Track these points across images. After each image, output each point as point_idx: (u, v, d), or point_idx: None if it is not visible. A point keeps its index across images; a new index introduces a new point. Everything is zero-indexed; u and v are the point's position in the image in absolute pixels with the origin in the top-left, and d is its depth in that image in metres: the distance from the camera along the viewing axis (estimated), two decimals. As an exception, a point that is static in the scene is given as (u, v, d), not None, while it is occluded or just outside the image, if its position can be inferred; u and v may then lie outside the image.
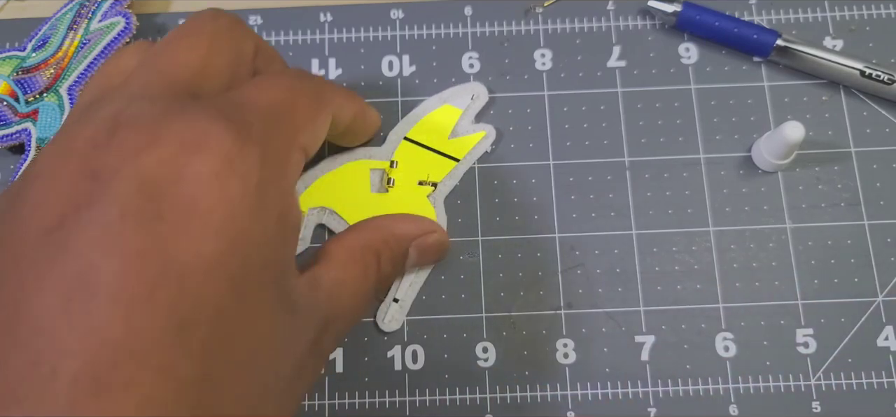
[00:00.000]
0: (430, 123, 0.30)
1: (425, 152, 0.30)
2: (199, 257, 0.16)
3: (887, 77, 0.30)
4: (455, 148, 0.30)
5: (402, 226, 0.27)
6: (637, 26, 0.33)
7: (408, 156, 0.30)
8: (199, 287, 0.16)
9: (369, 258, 0.24)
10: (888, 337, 0.29)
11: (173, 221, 0.16)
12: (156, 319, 0.15)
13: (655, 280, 0.29)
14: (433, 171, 0.29)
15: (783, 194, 0.30)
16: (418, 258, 0.27)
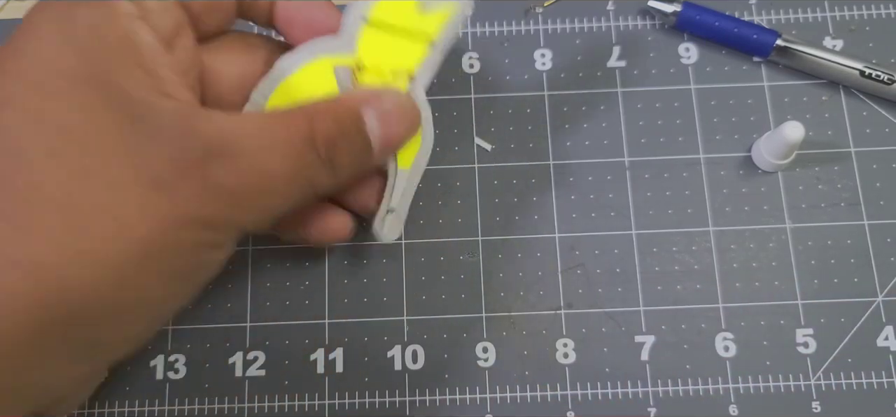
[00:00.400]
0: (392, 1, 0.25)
1: (392, 37, 0.25)
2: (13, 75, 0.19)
3: (887, 77, 0.30)
4: (426, 27, 0.25)
5: (350, 94, 0.23)
6: (637, 26, 0.33)
7: (373, 45, 0.25)
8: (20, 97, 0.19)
9: (296, 114, 0.22)
10: (888, 336, 0.29)
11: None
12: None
13: (655, 280, 0.29)
14: (405, 59, 0.25)
15: (783, 194, 0.30)
16: (382, 127, 0.23)
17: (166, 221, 0.19)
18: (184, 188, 0.19)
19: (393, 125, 0.23)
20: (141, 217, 0.19)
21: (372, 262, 0.30)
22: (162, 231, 0.19)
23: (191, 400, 0.28)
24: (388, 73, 0.25)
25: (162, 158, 0.19)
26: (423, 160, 0.26)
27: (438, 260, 0.30)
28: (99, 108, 0.19)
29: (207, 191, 0.19)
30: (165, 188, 0.19)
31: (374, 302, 0.29)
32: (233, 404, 0.28)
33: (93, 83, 0.19)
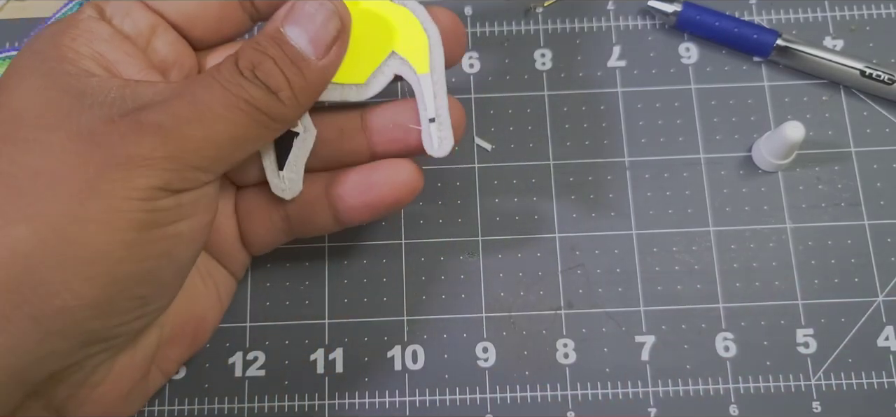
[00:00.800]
0: None
1: None
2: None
3: (887, 77, 0.30)
4: None
5: (269, 22, 0.23)
6: (637, 26, 0.33)
7: None
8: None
9: (224, 61, 0.22)
10: (888, 336, 0.29)
11: None
12: None
13: (655, 280, 0.29)
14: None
15: (783, 194, 0.30)
16: (306, 28, 0.22)
17: (100, 167, 0.19)
18: (115, 133, 0.20)
19: (313, 20, 0.22)
20: (73, 170, 0.19)
21: (372, 262, 0.30)
22: (96, 177, 0.19)
23: (191, 400, 0.28)
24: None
25: (96, 118, 0.20)
26: (438, 56, 0.25)
27: (438, 260, 0.30)
28: (46, 90, 0.21)
29: (138, 130, 0.20)
30: (96, 138, 0.20)
31: (374, 302, 0.29)
32: (233, 404, 0.28)
33: (42, 72, 0.21)
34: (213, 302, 0.27)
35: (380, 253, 0.30)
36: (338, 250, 0.30)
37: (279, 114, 0.22)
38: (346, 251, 0.30)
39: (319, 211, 0.26)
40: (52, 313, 0.19)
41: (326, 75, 0.23)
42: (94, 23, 0.22)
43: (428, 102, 0.25)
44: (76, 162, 0.19)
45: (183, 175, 0.21)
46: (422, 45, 0.25)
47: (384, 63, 0.25)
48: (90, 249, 0.19)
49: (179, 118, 0.20)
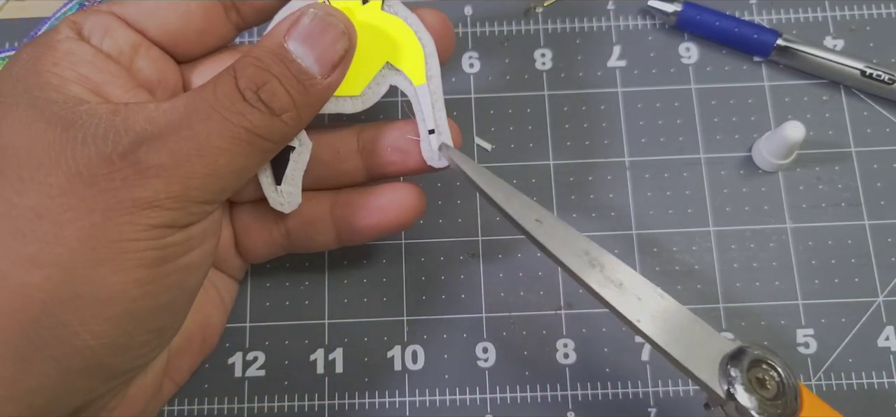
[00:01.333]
0: None
1: None
2: None
3: (888, 77, 0.30)
4: None
5: (271, 31, 0.22)
6: (637, 26, 0.33)
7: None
8: None
9: (222, 74, 0.21)
10: (889, 337, 0.28)
11: None
12: None
13: (655, 280, 0.29)
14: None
15: (784, 194, 0.30)
16: (312, 46, 0.22)
17: (105, 212, 0.19)
18: (117, 177, 0.19)
19: (320, 39, 0.22)
20: (78, 214, 0.19)
21: (372, 262, 0.30)
22: (102, 222, 0.19)
23: (190, 401, 0.28)
24: (359, 2, 0.24)
25: (92, 155, 0.19)
26: (435, 67, 0.25)
27: (438, 260, 0.30)
28: (33, 123, 0.20)
29: (140, 174, 0.19)
30: (99, 181, 0.19)
31: (373, 302, 0.29)
32: (232, 404, 0.28)
33: (26, 102, 0.20)
34: (216, 306, 0.27)
35: (380, 254, 0.30)
36: (337, 250, 0.30)
37: (281, 137, 0.22)
38: (346, 251, 0.30)
39: (322, 229, 0.26)
40: (73, 353, 0.19)
41: (329, 93, 0.23)
42: (73, 43, 0.22)
43: (426, 114, 0.25)
44: (80, 206, 0.19)
45: (189, 210, 0.21)
46: (417, 55, 0.25)
47: (379, 75, 0.25)
48: (105, 290, 0.19)
49: (180, 156, 0.20)
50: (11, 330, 0.18)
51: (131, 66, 0.23)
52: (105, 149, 0.19)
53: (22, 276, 0.19)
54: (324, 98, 0.23)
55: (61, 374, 0.19)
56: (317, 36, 0.22)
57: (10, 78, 0.21)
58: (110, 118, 0.20)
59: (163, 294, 0.21)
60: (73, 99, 0.20)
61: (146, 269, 0.20)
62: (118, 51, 0.22)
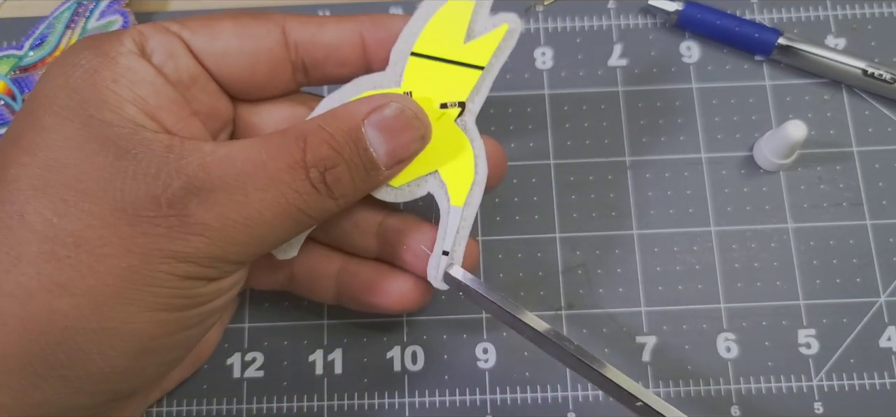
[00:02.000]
0: (439, 28, 0.24)
1: (440, 66, 0.24)
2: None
3: (890, 76, 0.30)
4: (475, 53, 0.24)
5: (349, 107, 0.22)
6: (638, 25, 0.32)
7: (420, 76, 0.23)
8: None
9: (288, 140, 0.20)
10: (891, 337, 0.28)
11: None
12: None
13: (657, 280, 0.29)
14: (455, 89, 0.24)
15: (785, 194, 0.30)
16: (387, 139, 0.22)
17: (143, 256, 0.19)
18: (162, 224, 0.19)
19: (398, 135, 0.22)
20: (117, 251, 0.19)
21: (371, 262, 0.30)
22: (139, 265, 0.19)
23: (189, 401, 0.28)
24: (437, 104, 0.24)
25: (141, 194, 0.19)
26: (477, 196, 0.24)
27: (438, 261, 0.29)
28: (86, 143, 0.19)
29: (185, 228, 0.19)
30: (142, 224, 0.19)
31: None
32: (231, 405, 0.28)
33: (81, 119, 0.20)
34: (216, 325, 0.27)
35: (379, 253, 0.30)
36: (337, 250, 0.30)
37: (327, 216, 0.22)
38: (346, 251, 0.30)
39: (325, 287, 0.26)
40: (85, 376, 0.19)
41: (383, 184, 0.23)
42: (134, 60, 0.21)
43: (449, 235, 0.24)
44: (119, 243, 0.19)
45: (223, 269, 0.21)
46: (467, 178, 0.24)
47: (424, 178, 0.24)
48: (129, 326, 0.19)
49: (227, 221, 0.20)
50: (29, 348, 0.19)
51: (187, 94, 0.22)
52: (155, 190, 0.19)
53: (50, 301, 0.19)
54: (377, 187, 0.23)
55: (70, 393, 0.19)
56: (396, 131, 0.22)
57: (67, 87, 0.20)
58: (164, 154, 0.19)
59: (182, 333, 0.21)
60: (129, 122, 0.20)
61: (172, 313, 0.20)
62: (177, 77, 0.22)
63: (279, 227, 0.20)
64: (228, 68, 0.23)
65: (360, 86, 0.24)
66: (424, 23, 0.24)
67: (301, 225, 0.21)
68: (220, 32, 0.23)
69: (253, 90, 0.24)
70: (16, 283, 0.18)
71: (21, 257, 0.19)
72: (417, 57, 0.24)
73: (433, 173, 0.24)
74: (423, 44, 0.24)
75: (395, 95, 0.22)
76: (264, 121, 0.24)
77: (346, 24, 0.23)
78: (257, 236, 0.20)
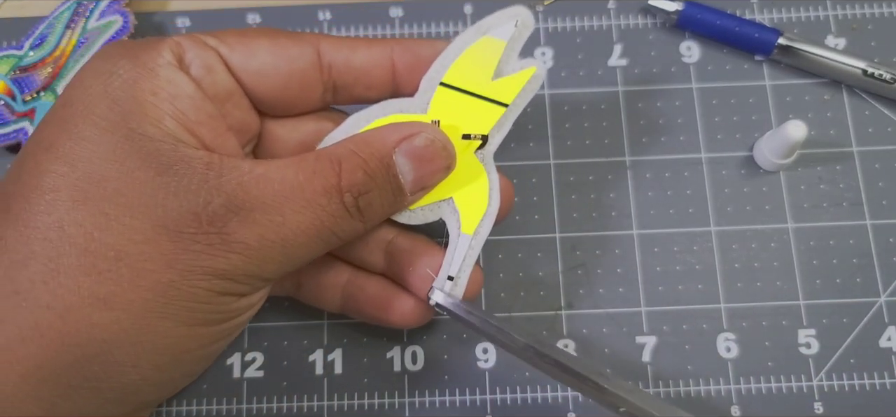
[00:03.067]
0: (470, 62, 0.25)
1: (467, 99, 0.24)
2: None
3: (890, 76, 0.30)
4: (501, 90, 0.25)
5: (381, 133, 0.22)
6: (638, 25, 0.32)
7: (446, 106, 0.24)
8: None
9: (324, 163, 0.21)
10: (891, 337, 0.28)
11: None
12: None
13: (657, 280, 0.29)
14: (478, 122, 0.25)
15: (785, 194, 0.30)
16: (414, 168, 0.22)
17: (183, 272, 0.19)
18: (202, 241, 0.19)
19: (426, 164, 0.23)
20: (157, 266, 0.19)
21: (371, 262, 0.30)
22: (179, 280, 0.19)
23: (189, 401, 0.28)
24: (461, 135, 0.24)
25: (182, 210, 0.19)
26: (487, 227, 0.25)
27: (438, 261, 0.29)
28: (127, 157, 0.20)
29: (226, 246, 0.20)
30: (183, 240, 0.19)
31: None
32: (231, 405, 0.28)
33: (123, 132, 0.20)
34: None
35: (379, 253, 0.30)
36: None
37: (354, 238, 0.23)
38: (346, 251, 0.30)
39: (331, 296, 0.26)
40: (117, 388, 0.20)
41: (405, 208, 0.24)
42: (173, 72, 0.21)
43: (456, 261, 0.24)
44: (160, 259, 0.19)
45: (255, 285, 0.21)
46: (480, 208, 0.25)
47: (438, 204, 0.25)
48: (164, 340, 0.20)
49: (265, 241, 0.20)
50: (65, 360, 0.19)
51: (222, 109, 0.23)
52: (195, 207, 0.19)
53: (89, 314, 0.19)
54: (400, 212, 0.24)
55: (99, 403, 0.20)
56: (426, 160, 0.22)
57: (107, 97, 0.20)
58: (204, 172, 0.20)
59: (211, 346, 0.22)
60: (169, 137, 0.20)
61: (206, 327, 0.21)
62: (215, 92, 0.22)
63: (311, 247, 0.21)
64: (263, 86, 0.23)
65: (387, 108, 0.24)
66: (457, 55, 0.25)
67: (329, 245, 0.22)
68: (258, 50, 0.23)
69: (284, 107, 0.24)
70: (54, 295, 0.19)
71: (60, 269, 0.19)
72: (446, 87, 0.24)
73: (448, 200, 0.24)
74: (453, 75, 0.24)
75: (425, 124, 0.23)
76: (289, 135, 0.25)
77: (377, 48, 0.24)
78: (291, 255, 0.21)
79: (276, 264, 0.21)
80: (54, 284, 0.19)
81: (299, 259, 0.21)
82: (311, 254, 0.22)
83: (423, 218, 0.25)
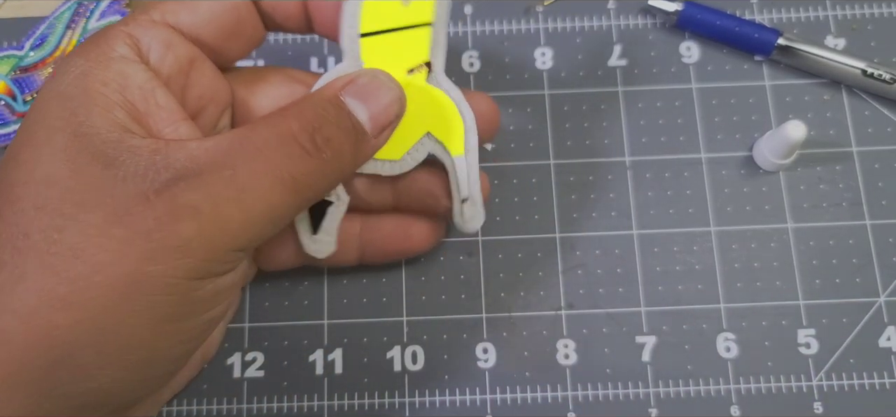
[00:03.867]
0: (375, 4, 0.25)
1: (392, 37, 0.25)
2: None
3: (889, 76, 0.30)
4: (418, 13, 0.25)
5: (325, 86, 0.22)
6: (638, 25, 0.32)
7: (377, 53, 0.25)
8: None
9: (275, 116, 0.21)
10: (890, 337, 0.28)
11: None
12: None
13: (657, 280, 0.29)
14: (414, 53, 0.25)
15: (785, 194, 0.30)
16: (367, 105, 0.22)
17: (139, 256, 0.19)
18: (150, 216, 0.19)
19: (375, 99, 0.22)
20: (113, 257, 0.19)
21: (371, 262, 0.30)
22: (136, 267, 0.19)
23: (189, 401, 0.28)
24: (405, 72, 0.25)
25: (129, 193, 0.19)
26: (474, 140, 0.25)
27: (438, 260, 0.30)
28: (77, 154, 0.19)
29: (174, 214, 0.19)
30: (134, 222, 0.19)
31: (373, 303, 0.29)
32: (231, 405, 0.28)
33: (71, 129, 0.20)
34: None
35: (379, 253, 0.30)
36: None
37: (324, 187, 0.22)
38: (346, 251, 0.30)
39: (348, 248, 0.26)
40: (87, 392, 0.19)
41: (373, 153, 0.23)
42: (127, 65, 0.21)
43: (461, 183, 0.25)
44: (114, 249, 0.19)
45: (220, 258, 0.20)
46: (457, 128, 0.25)
47: (419, 142, 0.25)
48: (129, 339, 0.19)
49: (217, 198, 0.19)
50: (32, 366, 0.18)
51: (187, 83, 0.22)
52: (143, 186, 0.19)
53: (50, 316, 0.18)
54: (368, 157, 0.23)
55: (72, 410, 0.19)
56: (373, 94, 0.22)
57: (59, 96, 0.20)
58: (151, 156, 0.19)
59: (183, 344, 0.21)
60: (117, 128, 0.20)
61: (172, 323, 0.20)
62: (179, 66, 0.22)
63: (273, 199, 0.20)
64: (211, 33, 0.23)
65: (328, 77, 0.24)
66: (359, 5, 0.24)
67: (300, 198, 0.21)
68: (197, 4, 0.23)
69: (233, 49, 0.24)
70: (20, 300, 0.18)
71: (25, 275, 0.19)
72: (367, 37, 0.24)
73: (426, 135, 0.25)
74: (368, 23, 0.24)
75: (364, 69, 0.23)
76: (261, 104, 0.25)
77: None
78: (251, 212, 0.20)
79: (235, 224, 0.20)
80: (20, 290, 0.18)
81: (263, 216, 0.20)
82: (279, 211, 0.20)
83: (413, 161, 0.25)
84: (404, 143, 0.25)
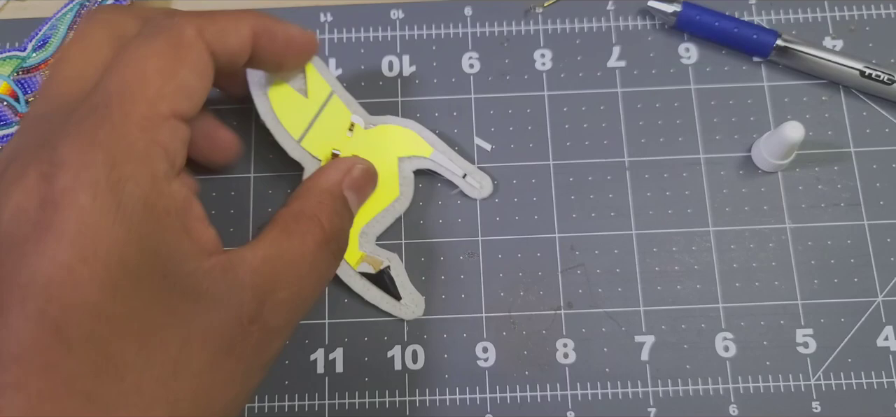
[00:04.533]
0: (287, 112, 0.28)
1: (317, 124, 0.28)
2: (58, 266, 0.18)
3: (887, 77, 0.30)
4: (317, 94, 0.28)
5: (327, 177, 0.26)
6: (637, 26, 0.33)
7: (318, 142, 0.28)
8: (64, 291, 0.18)
9: (306, 224, 0.23)
10: (888, 336, 0.29)
11: (34, 240, 0.18)
12: (29, 325, 0.17)
13: (655, 280, 0.29)
14: (339, 122, 0.29)
15: (783, 194, 0.30)
16: (357, 195, 0.27)
17: (244, 380, 0.21)
18: (249, 343, 0.21)
19: (364, 189, 0.27)
20: (225, 390, 0.21)
21: (372, 262, 0.30)
22: (242, 389, 0.21)
23: (191, 400, 0.28)
24: (345, 133, 0.29)
25: (225, 324, 0.20)
26: (430, 135, 0.30)
27: (438, 260, 0.30)
28: (158, 294, 0.19)
29: (268, 337, 0.22)
30: (235, 349, 0.21)
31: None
32: (233, 404, 0.28)
33: (149, 266, 0.19)
34: None
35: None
36: (338, 250, 0.30)
37: (333, 272, 0.26)
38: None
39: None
40: None
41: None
42: (174, 184, 0.20)
43: (451, 167, 0.30)
44: (226, 380, 0.21)
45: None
46: (412, 137, 0.30)
47: (400, 170, 0.29)
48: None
49: (293, 314, 0.23)
50: None
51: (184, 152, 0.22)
52: (237, 313, 0.21)
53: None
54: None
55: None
56: (363, 186, 0.27)
57: (136, 238, 0.19)
58: (223, 276, 0.20)
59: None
60: (190, 259, 0.20)
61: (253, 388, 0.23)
62: (183, 160, 0.22)
63: (317, 295, 0.25)
64: (197, 97, 0.22)
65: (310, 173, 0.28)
66: (277, 123, 0.28)
67: (323, 287, 0.26)
68: (186, 83, 0.21)
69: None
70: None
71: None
72: (303, 138, 0.28)
73: (400, 160, 0.29)
74: (291, 127, 0.28)
75: (350, 158, 0.27)
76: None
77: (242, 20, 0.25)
78: (307, 309, 0.24)
79: (299, 320, 0.24)
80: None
81: (310, 307, 0.24)
82: (311, 303, 0.24)
83: (409, 186, 0.30)
84: (393, 180, 0.29)
